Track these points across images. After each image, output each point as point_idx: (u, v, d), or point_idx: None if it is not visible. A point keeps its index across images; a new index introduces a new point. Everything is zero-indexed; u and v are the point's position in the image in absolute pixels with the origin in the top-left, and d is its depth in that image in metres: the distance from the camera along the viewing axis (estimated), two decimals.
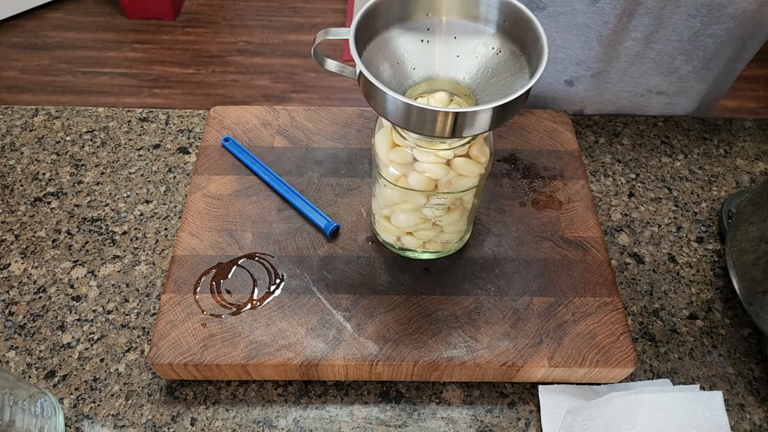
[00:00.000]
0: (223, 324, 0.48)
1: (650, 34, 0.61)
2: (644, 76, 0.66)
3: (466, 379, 0.48)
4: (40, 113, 0.66)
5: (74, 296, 0.53)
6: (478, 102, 0.41)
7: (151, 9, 2.03)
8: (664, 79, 0.66)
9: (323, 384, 0.49)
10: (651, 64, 0.65)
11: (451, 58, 0.42)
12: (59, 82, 1.85)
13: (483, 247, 0.53)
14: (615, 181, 0.63)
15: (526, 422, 0.47)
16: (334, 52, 1.94)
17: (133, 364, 0.49)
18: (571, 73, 0.66)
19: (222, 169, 0.58)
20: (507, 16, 0.40)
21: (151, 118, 0.66)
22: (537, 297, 0.50)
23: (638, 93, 0.68)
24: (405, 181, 0.43)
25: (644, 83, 0.67)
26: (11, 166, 0.62)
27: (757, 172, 0.64)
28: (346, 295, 0.49)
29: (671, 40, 0.62)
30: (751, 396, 0.49)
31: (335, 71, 0.43)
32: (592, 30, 0.61)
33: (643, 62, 0.65)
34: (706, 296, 0.55)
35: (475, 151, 0.42)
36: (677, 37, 0.61)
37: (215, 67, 1.92)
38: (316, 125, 0.61)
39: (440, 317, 0.48)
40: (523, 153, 0.60)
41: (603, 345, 0.47)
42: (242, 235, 0.53)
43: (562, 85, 0.68)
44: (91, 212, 0.58)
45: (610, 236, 0.58)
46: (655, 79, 0.66)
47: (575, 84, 0.67)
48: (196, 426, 0.46)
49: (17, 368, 0.49)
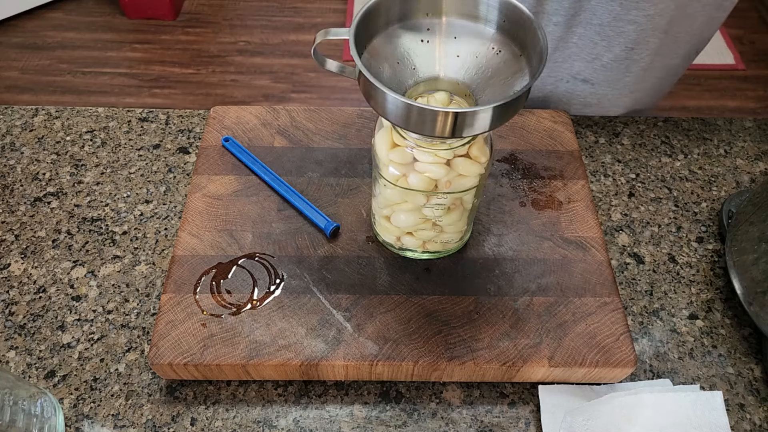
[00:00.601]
0: (223, 324, 0.48)
1: (571, 18, 0.61)
2: (567, 61, 0.66)
3: (466, 379, 0.48)
4: (40, 113, 0.66)
5: (74, 296, 0.53)
6: (478, 102, 0.41)
7: (151, 9, 2.03)
8: (587, 65, 0.66)
9: (323, 384, 0.49)
10: (574, 48, 0.65)
11: (451, 58, 0.42)
12: (59, 82, 1.85)
13: (483, 247, 0.53)
14: (615, 181, 0.63)
15: (526, 422, 0.47)
16: (334, 52, 1.94)
17: (133, 364, 0.49)
18: None
19: (222, 169, 0.58)
20: (507, 16, 0.40)
21: (151, 118, 0.66)
22: (537, 297, 0.50)
23: (563, 79, 0.68)
24: (405, 181, 0.43)
25: (567, 68, 0.67)
26: (11, 166, 0.62)
27: (757, 172, 0.64)
28: (346, 295, 0.49)
29: (591, 24, 0.62)
30: (751, 396, 0.49)
31: (335, 71, 0.43)
32: None
33: (566, 46, 0.65)
34: (706, 296, 0.55)
35: (475, 151, 0.42)
36: (597, 21, 0.61)
37: (215, 67, 1.92)
38: (316, 125, 0.61)
39: (440, 317, 0.48)
40: (523, 153, 0.60)
41: (603, 345, 0.47)
42: (242, 235, 0.53)
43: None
44: (91, 212, 0.58)
45: (610, 236, 0.58)
46: (578, 65, 0.67)
47: None
48: (196, 426, 0.46)
49: (17, 368, 0.49)
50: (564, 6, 0.60)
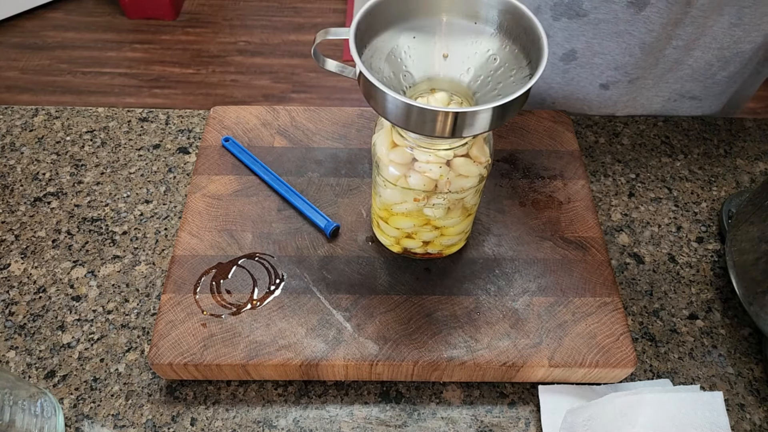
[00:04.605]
0: (223, 324, 0.48)
1: (691, 42, 0.60)
2: (679, 82, 0.66)
3: (466, 379, 0.48)
4: (40, 113, 0.66)
5: (74, 296, 0.53)
6: (478, 102, 0.41)
7: (151, 9, 2.03)
8: (697, 84, 0.66)
9: (323, 384, 0.49)
10: (688, 70, 0.64)
11: (451, 57, 0.42)
12: (59, 82, 1.85)
13: (483, 247, 0.53)
14: (615, 181, 0.63)
15: (526, 422, 0.47)
16: (334, 52, 1.94)
17: (133, 364, 0.49)
18: (608, 78, 0.65)
19: (222, 169, 0.58)
20: (507, 16, 0.40)
21: (151, 118, 0.66)
22: (537, 297, 0.50)
23: (671, 98, 0.68)
24: (405, 181, 0.43)
25: (678, 89, 0.67)
26: (11, 166, 0.62)
27: (757, 172, 0.64)
28: (346, 295, 0.49)
29: (711, 48, 0.61)
30: (751, 396, 0.49)
31: (335, 71, 0.43)
32: (635, 37, 0.60)
33: (680, 68, 0.64)
34: (706, 296, 0.55)
35: (475, 151, 0.42)
36: (717, 45, 0.61)
37: (215, 67, 1.92)
38: (316, 125, 0.61)
39: (440, 317, 0.48)
40: (523, 153, 0.60)
41: (603, 345, 0.47)
42: (242, 235, 0.53)
43: (596, 88, 0.67)
44: (91, 212, 0.58)
45: (610, 236, 0.58)
46: (689, 85, 0.66)
47: (610, 88, 0.66)
48: (196, 426, 0.46)
49: (17, 368, 0.49)
50: (687, 31, 0.59)
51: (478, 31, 0.42)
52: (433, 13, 0.42)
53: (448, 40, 0.42)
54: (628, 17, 0.59)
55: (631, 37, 0.60)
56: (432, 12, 0.42)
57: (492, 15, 0.41)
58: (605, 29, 0.61)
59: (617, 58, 0.63)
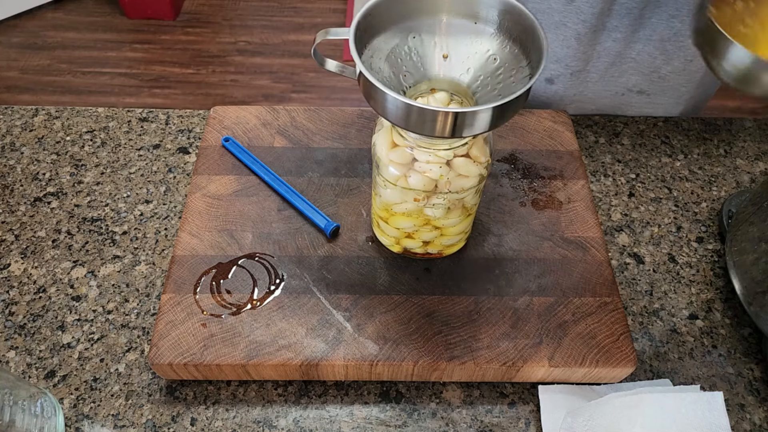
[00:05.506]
0: (223, 324, 0.48)
1: (631, 34, 0.61)
2: (624, 75, 0.66)
3: (466, 379, 0.48)
4: (40, 113, 0.66)
5: (74, 296, 0.53)
6: (478, 102, 0.41)
7: (151, 9, 2.03)
8: (643, 78, 0.66)
9: (323, 384, 0.49)
10: (631, 63, 0.65)
11: (451, 57, 0.42)
12: (59, 82, 1.85)
13: (483, 247, 0.53)
14: (615, 181, 0.63)
15: (526, 422, 0.47)
16: (334, 52, 1.94)
17: (133, 364, 0.49)
18: (551, 71, 0.66)
19: (222, 169, 0.58)
20: (507, 16, 0.40)
21: (151, 118, 0.66)
22: (537, 297, 0.50)
23: (619, 92, 0.68)
24: (405, 181, 0.43)
25: (624, 82, 0.67)
26: (11, 166, 0.62)
27: (757, 172, 0.64)
28: (346, 295, 0.49)
29: (651, 40, 0.62)
30: (751, 396, 0.49)
31: (335, 71, 0.43)
32: (569, 29, 0.61)
33: (623, 61, 0.65)
34: (706, 296, 0.55)
35: (475, 151, 0.42)
36: (657, 37, 0.61)
37: (215, 67, 1.92)
38: (316, 125, 0.61)
39: (440, 317, 0.48)
40: (523, 153, 0.60)
41: (603, 345, 0.47)
42: (242, 235, 0.53)
43: (542, 82, 0.68)
44: (91, 212, 0.58)
45: (610, 236, 0.58)
46: (635, 78, 0.66)
47: (555, 82, 0.67)
48: (196, 426, 0.46)
49: (17, 368, 0.49)
50: (624, 23, 0.60)
51: (478, 31, 0.42)
52: (433, 13, 0.42)
53: (448, 40, 0.42)
54: (560, 8, 0.60)
55: (566, 29, 0.61)
56: (432, 12, 0.42)
57: (492, 15, 0.41)
58: (542, 20, 0.61)
59: (556, 51, 0.64)
